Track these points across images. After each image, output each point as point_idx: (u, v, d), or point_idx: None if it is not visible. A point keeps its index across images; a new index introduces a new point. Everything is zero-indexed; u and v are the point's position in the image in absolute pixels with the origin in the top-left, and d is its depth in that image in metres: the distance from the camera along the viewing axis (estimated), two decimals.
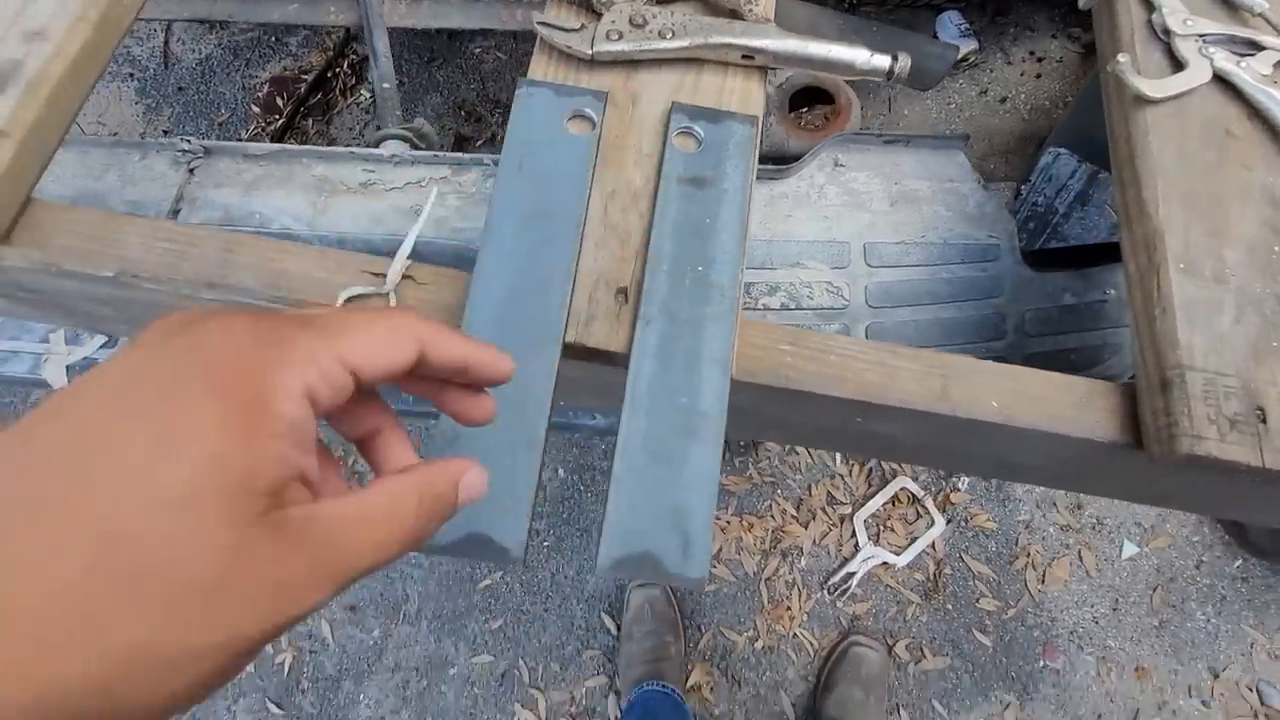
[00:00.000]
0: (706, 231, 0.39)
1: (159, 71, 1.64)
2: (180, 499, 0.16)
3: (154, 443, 0.17)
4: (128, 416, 0.17)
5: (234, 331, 0.19)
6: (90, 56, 0.41)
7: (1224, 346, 0.41)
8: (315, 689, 1.25)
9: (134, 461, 0.17)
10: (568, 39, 0.42)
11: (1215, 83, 0.48)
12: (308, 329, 0.20)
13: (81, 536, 0.16)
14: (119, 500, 0.16)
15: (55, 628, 0.15)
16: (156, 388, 0.18)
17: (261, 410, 0.18)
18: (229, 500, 0.17)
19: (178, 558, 0.16)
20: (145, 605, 0.16)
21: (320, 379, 0.20)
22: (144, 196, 0.66)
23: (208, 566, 0.16)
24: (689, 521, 0.34)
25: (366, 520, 0.20)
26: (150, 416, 0.17)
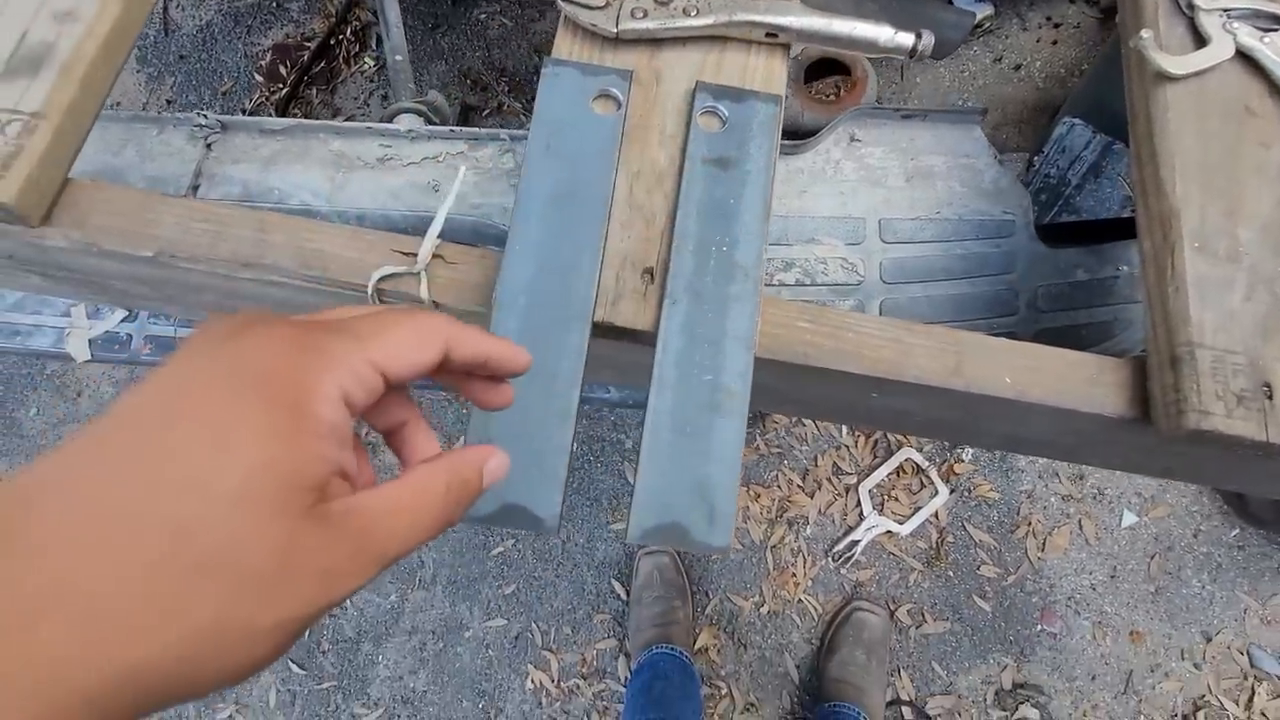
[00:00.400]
0: (730, 212, 0.40)
1: (159, 39, 1.62)
2: (238, 497, 0.18)
3: (212, 447, 0.19)
4: (188, 422, 0.19)
5: (275, 340, 0.21)
6: (120, 34, 0.41)
7: (1233, 324, 0.42)
8: (335, 650, 1.30)
9: (197, 464, 0.18)
10: (592, 17, 0.42)
11: (1237, 59, 0.48)
12: (342, 335, 0.22)
13: (155, 532, 0.18)
14: (186, 499, 0.18)
15: (138, 612, 0.17)
16: (211, 395, 0.20)
17: (304, 415, 0.20)
18: (280, 498, 0.19)
19: (239, 549, 0.18)
20: (213, 591, 0.18)
21: (355, 382, 0.22)
22: (163, 172, 0.67)
23: (265, 557, 0.18)
24: (714, 493, 0.35)
25: (400, 509, 0.22)
26: (207, 423, 0.19)
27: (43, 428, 1.43)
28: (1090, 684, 1.22)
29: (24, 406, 1.44)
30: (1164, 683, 1.21)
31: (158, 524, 0.18)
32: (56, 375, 1.44)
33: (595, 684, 1.25)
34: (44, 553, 0.17)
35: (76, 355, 0.82)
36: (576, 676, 1.26)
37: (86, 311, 0.81)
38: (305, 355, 0.21)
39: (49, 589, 0.16)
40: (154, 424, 0.19)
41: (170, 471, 0.18)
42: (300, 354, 0.21)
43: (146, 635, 0.17)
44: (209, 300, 0.45)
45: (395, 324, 0.23)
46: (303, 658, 1.30)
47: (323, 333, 0.22)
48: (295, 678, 1.29)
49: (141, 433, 0.19)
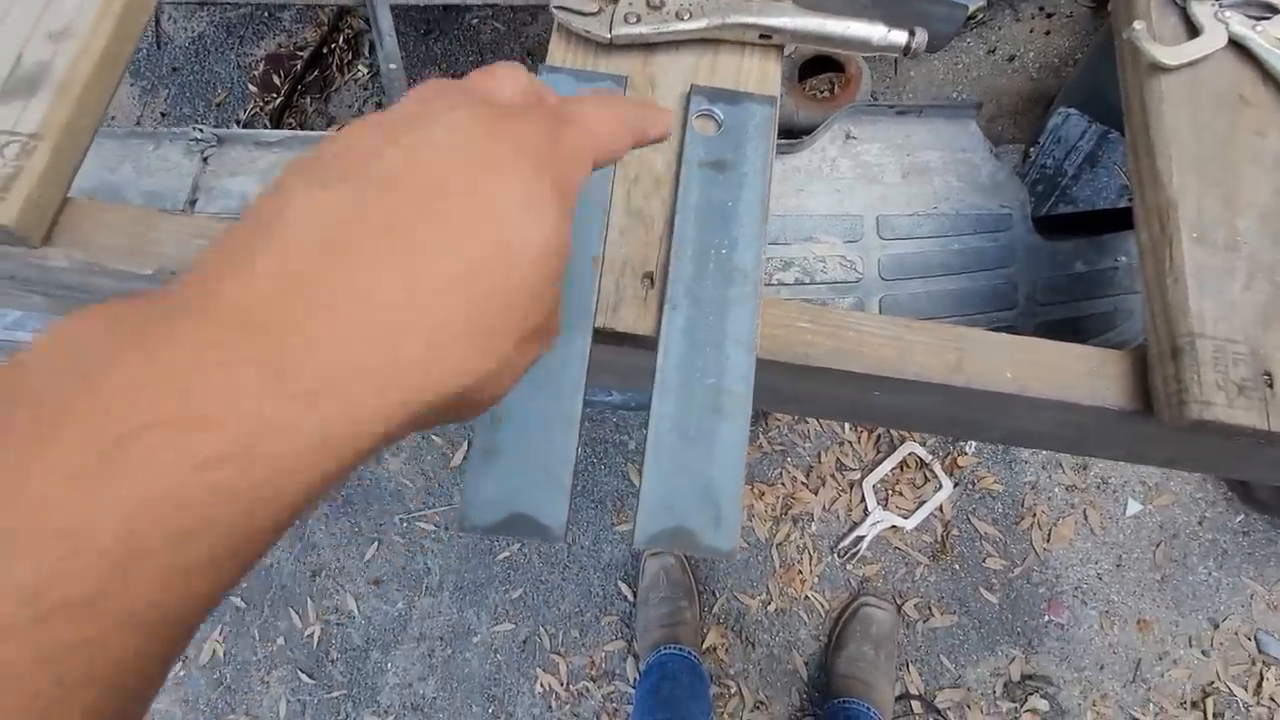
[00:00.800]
0: (728, 215, 0.40)
1: (152, 52, 1.62)
2: (535, 268, 0.21)
3: (522, 222, 0.21)
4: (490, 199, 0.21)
5: (543, 129, 0.23)
6: (116, 51, 0.41)
7: (1234, 314, 0.42)
8: (344, 659, 1.30)
9: (505, 236, 0.20)
10: (585, 23, 0.42)
11: (1230, 48, 0.48)
12: (579, 130, 0.24)
13: (481, 281, 0.20)
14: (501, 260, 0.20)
15: (471, 344, 0.20)
16: (508, 176, 0.21)
17: (568, 204, 0.22)
18: (555, 272, 0.22)
19: (531, 312, 0.21)
20: (512, 339, 0.21)
21: (585, 174, 0.24)
22: (161, 187, 0.67)
23: (541, 320, 0.22)
24: (719, 496, 0.35)
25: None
26: (511, 202, 0.21)
27: None
28: (1099, 673, 1.22)
29: None
30: (1172, 670, 1.21)
31: (482, 275, 0.20)
32: None
33: (604, 686, 1.25)
34: (390, 274, 0.18)
35: None
36: (585, 679, 1.26)
37: None
38: (565, 148, 0.23)
39: (403, 314, 0.18)
40: (460, 180, 0.20)
41: (487, 231, 0.20)
42: (562, 146, 0.23)
43: (466, 368, 0.20)
44: None
45: (608, 121, 0.25)
46: (312, 667, 1.30)
47: (568, 127, 0.23)
48: (305, 687, 1.29)
49: (448, 185, 0.20)
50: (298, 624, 1.32)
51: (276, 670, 1.30)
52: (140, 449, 0.15)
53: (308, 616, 1.32)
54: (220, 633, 1.32)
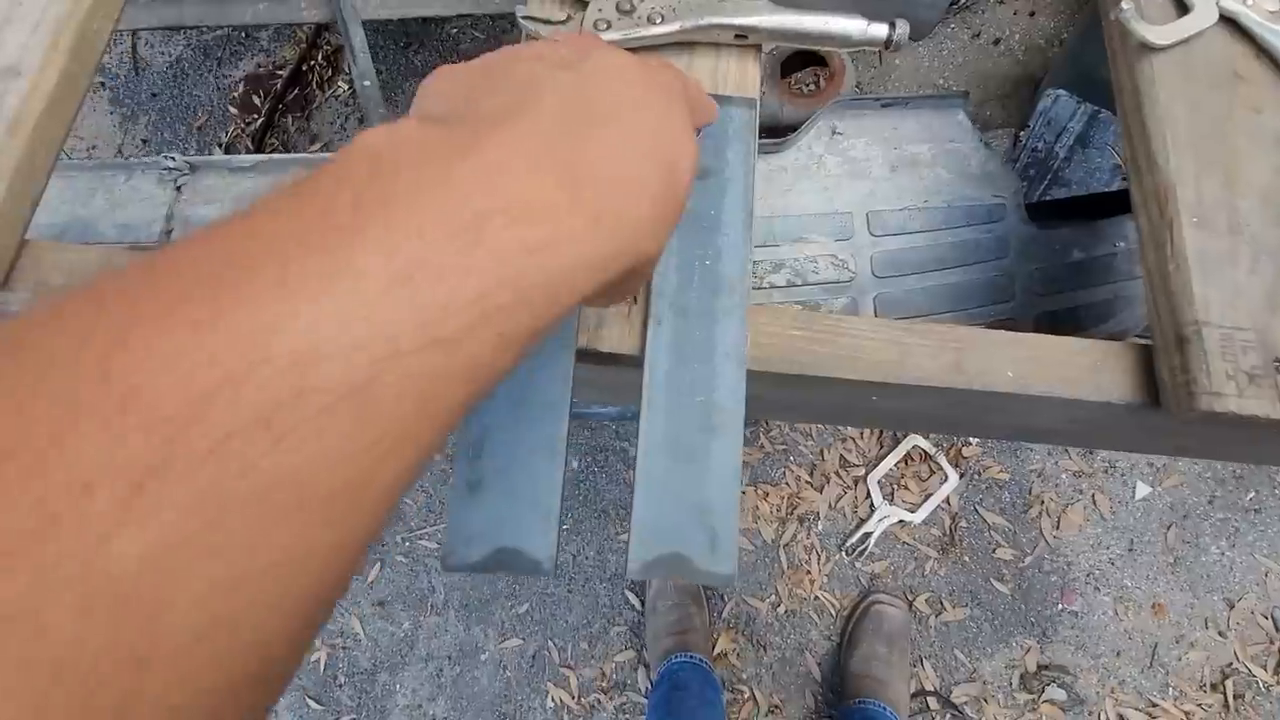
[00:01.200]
0: (711, 223, 0.38)
1: (130, 78, 1.60)
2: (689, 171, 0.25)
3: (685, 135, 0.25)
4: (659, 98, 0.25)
5: (681, 83, 0.27)
6: (68, 87, 0.40)
7: (1239, 299, 0.41)
8: (352, 683, 1.29)
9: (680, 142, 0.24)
10: (554, 32, 0.41)
11: (1221, 24, 0.47)
12: (694, 88, 0.29)
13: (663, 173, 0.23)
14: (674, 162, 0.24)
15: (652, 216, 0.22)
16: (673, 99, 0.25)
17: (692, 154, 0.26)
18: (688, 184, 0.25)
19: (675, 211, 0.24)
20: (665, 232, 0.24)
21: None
22: (134, 219, 0.65)
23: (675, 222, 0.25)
24: (714, 518, 0.34)
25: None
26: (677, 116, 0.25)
27: None
28: (1115, 660, 1.20)
29: None
30: (1190, 653, 1.20)
31: (663, 169, 0.23)
32: None
33: (616, 697, 1.24)
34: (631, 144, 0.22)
35: None
36: (597, 691, 1.24)
37: None
38: (695, 104, 0.28)
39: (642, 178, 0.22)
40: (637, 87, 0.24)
41: (666, 136, 0.24)
42: (692, 101, 0.27)
43: (660, 239, 0.23)
44: None
45: (707, 100, 0.31)
46: (319, 692, 1.29)
47: (692, 87, 0.29)
48: (313, 713, 1.28)
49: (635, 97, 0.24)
50: None
51: (284, 698, 1.29)
52: (492, 227, 0.18)
53: (313, 642, 1.30)
54: None
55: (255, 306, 0.14)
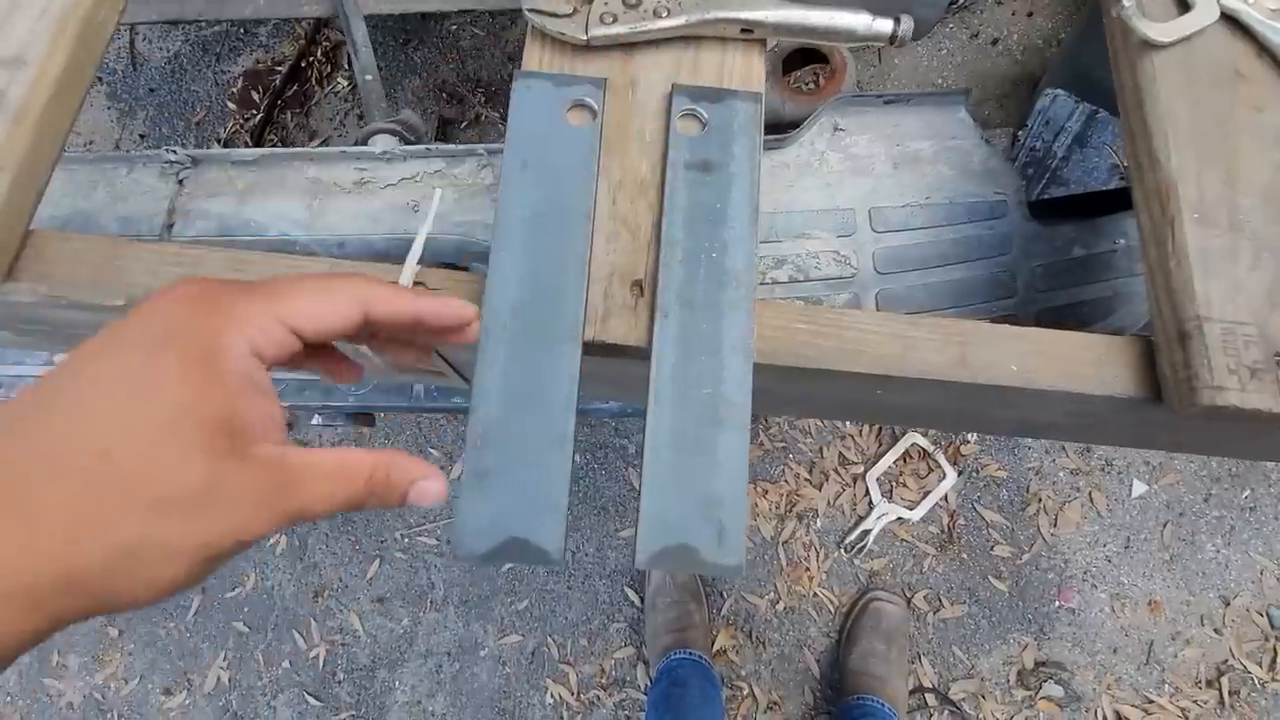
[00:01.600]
0: (718, 217, 0.38)
1: (128, 73, 1.60)
2: (157, 434, 0.22)
3: (133, 392, 0.22)
4: (113, 372, 0.23)
5: (187, 300, 0.24)
6: (74, 76, 0.39)
7: (1240, 295, 0.41)
8: (351, 679, 1.28)
9: (121, 405, 0.22)
10: (560, 25, 0.41)
11: (1222, 21, 0.47)
12: (251, 295, 0.25)
13: (88, 458, 0.21)
14: (113, 432, 0.22)
15: (74, 524, 0.21)
16: (132, 351, 0.23)
17: (214, 366, 0.23)
18: (199, 437, 0.22)
19: (160, 477, 0.22)
20: (137, 512, 0.21)
21: (263, 338, 0.25)
22: (135, 212, 0.65)
23: (185, 486, 0.22)
24: (722, 511, 0.34)
25: (320, 475, 0.25)
26: (129, 372, 0.23)
27: None
28: (1112, 657, 1.21)
29: None
30: (1186, 650, 1.20)
31: (89, 450, 0.21)
32: None
33: (615, 694, 1.24)
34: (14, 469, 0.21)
35: None
36: (596, 688, 1.25)
37: None
38: (215, 314, 0.24)
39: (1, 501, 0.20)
40: (85, 370, 0.23)
41: (99, 408, 0.22)
42: (209, 314, 0.24)
43: (80, 545, 0.20)
44: None
45: (307, 286, 0.26)
46: (318, 689, 1.28)
47: (235, 293, 0.25)
48: (313, 710, 1.27)
49: (76, 377, 0.23)
50: (302, 646, 1.30)
51: (283, 694, 1.29)
52: None
53: (312, 638, 1.30)
54: (224, 659, 1.30)
55: None
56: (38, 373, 0.79)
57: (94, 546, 0.21)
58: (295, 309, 0.26)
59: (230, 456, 0.23)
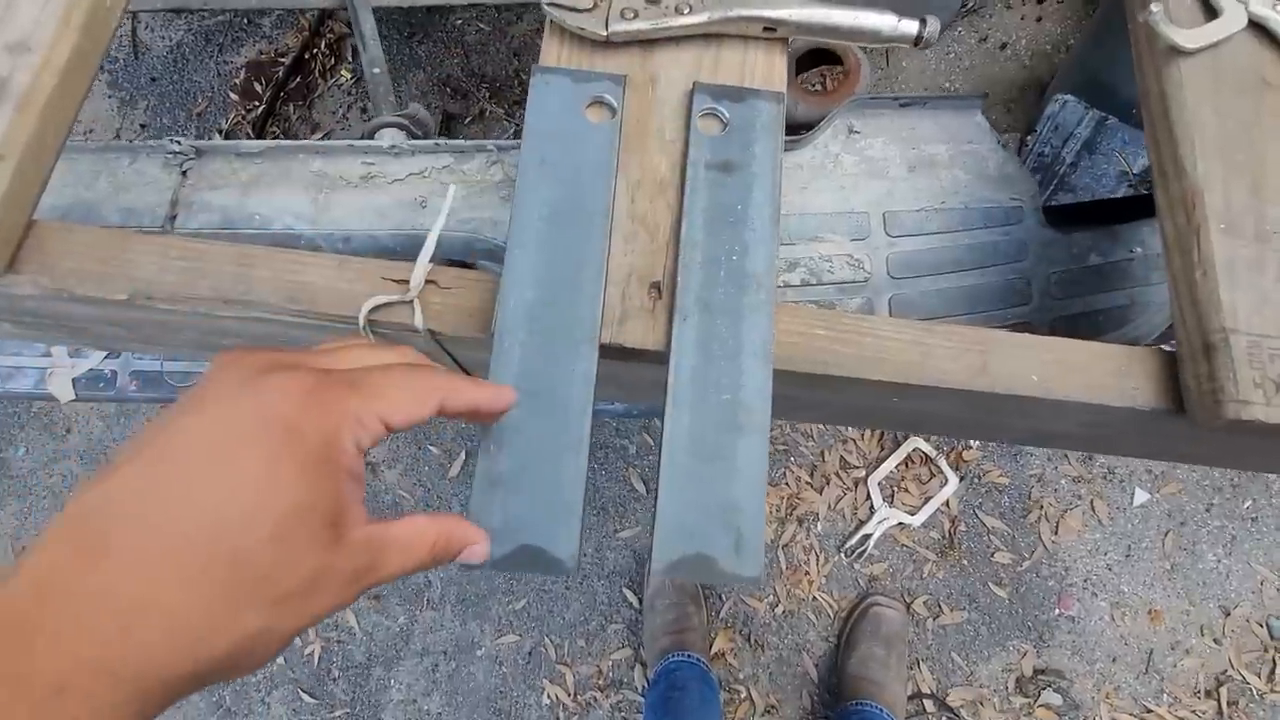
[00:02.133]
0: (738, 218, 0.37)
1: (129, 62, 1.58)
2: (280, 536, 0.23)
3: (257, 492, 0.23)
4: (235, 467, 0.23)
5: (301, 394, 0.25)
6: (79, 64, 0.38)
7: (1267, 307, 0.40)
8: (346, 677, 1.27)
9: (246, 506, 0.23)
10: (580, 20, 0.40)
11: (1250, 29, 0.46)
12: (356, 392, 0.26)
13: (218, 563, 0.22)
14: (243, 535, 0.23)
15: (208, 625, 0.22)
16: (251, 443, 0.24)
17: (330, 465, 0.25)
18: (312, 534, 0.24)
19: (280, 577, 0.23)
20: (262, 609, 0.23)
21: (365, 434, 0.26)
22: (138, 203, 0.64)
23: (300, 581, 0.23)
24: (740, 519, 0.33)
25: (398, 548, 0.27)
26: (251, 470, 0.23)
27: (33, 467, 1.40)
28: (1111, 665, 1.21)
29: (12, 445, 1.41)
30: (1185, 660, 1.20)
31: (220, 557, 0.22)
32: (44, 413, 1.41)
33: (612, 695, 1.23)
34: (133, 569, 0.21)
35: (60, 396, 0.79)
36: (593, 689, 1.24)
37: (68, 350, 0.78)
38: (328, 415, 0.25)
39: (139, 601, 0.21)
40: (204, 462, 0.23)
41: (226, 511, 0.23)
42: (324, 414, 0.25)
43: (215, 640, 0.22)
44: (189, 339, 0.43)
45: (399, 383, 0.28)
46: (314, 686, 1.27)
47: (342, 390, 0.26)
48: (307, 707, 1.26)
49: (195, 469, 0.23)
50: (297, 642, 1.29)
51: (277, 690, 1.28)
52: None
53: (307, 634, 1.29)
54: None
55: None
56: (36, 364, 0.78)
57: (224, 640, 0.22)
58: (392, 405, 0.27)
59: (334, 546, 0.24)
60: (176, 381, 0.78)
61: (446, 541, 0.29)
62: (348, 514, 0.25)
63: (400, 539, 0.27)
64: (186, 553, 0.22)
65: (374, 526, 0.26)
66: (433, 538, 0.28)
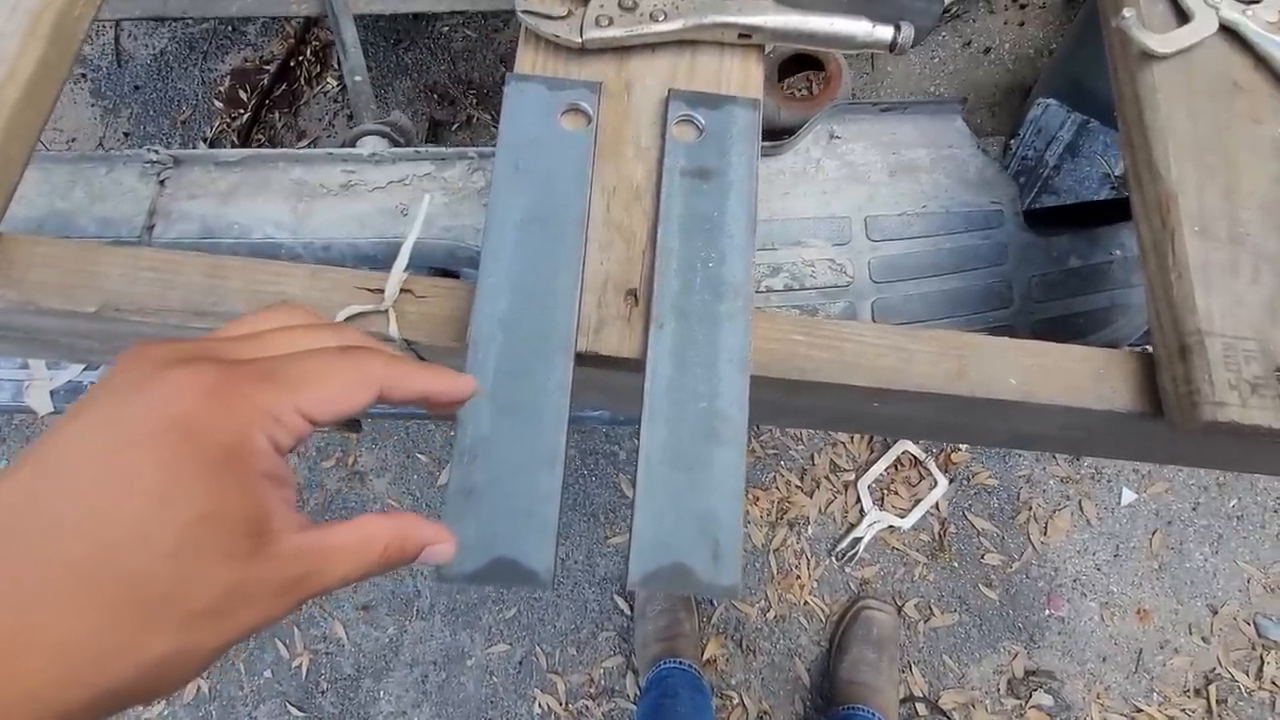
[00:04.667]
0: (714, 225, 0.37)
1: (113, 70, 1.57)
2: (179, 549, 0.20)
3: (156, 505, 0.20)
4: (126, 479, 0.21)
5: (203, 389, 0.22)
6: (46, 74, 0.38)
7: (1241, 309, 0.40)
8: (335, 689, 1.26)
9: (142, 519, 0.20)
10: (554, 27, 0.40)
11: (1221, 33, 0.47)
12: (270, 384, 0.23)
13: (111, 583, 0.20)
14: (139, 551, 0.20)
15: (105, 649, 0.20)
16: (147, 452, 0.21)
17: (238, 468, 0.22)
18: (222, 545, 0.21)
19: (187, 593, 0.21)
20: (168, 629, 0.20)
21: (283, 432, 0.23)
22: (115, 213, 0.63)
23: (212, 598, 0.21)
24: (717, 528, 0.33)
25: (341, 553, 0.24)
26: (145, 480, 0.21)
27: None
28: (1101, 665, 1.21)
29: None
30: (1174, 659, 1.21)
31: (112, 577, 0.20)
32: (25, 425, 1.39)
33: (604, 704, 1.23)
34: (9, 596, 0.19)
35: (38, 408, 0.78)
36: (585, 697, 1.23)
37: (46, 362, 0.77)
38: (234, 412, 0.22)
39: (25, 627, 0.19)
40: (91, 473, 0.21)
41: (117, 526, 0.20)
42: (229, 411, 0.22)
43: (114, 667, 0.20)
44: None
45: (327, 371, 0.24)
46: (302, 699, 1.26)
47: (252, 382, 0.23)
48: None
49: (81, 481, 0.21)
50: (285, 655, 1.27)
51: (265, 704, 1.26)
52: None
53: (295, 646, 1.27)
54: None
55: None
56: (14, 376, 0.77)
57: (126, 666, 0.20)
58: (314, 398, 0.24)
59: (254, 557, 0.22)
60: None
61: (401, 542, 0.25)
62: (269, 521, 0.22)
63: (345, 544, 0.24)
64: (72, 575, 0.20)
65: (309, 533, 0.23)
66: (385, 539, 0.25)
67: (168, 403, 0.22)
